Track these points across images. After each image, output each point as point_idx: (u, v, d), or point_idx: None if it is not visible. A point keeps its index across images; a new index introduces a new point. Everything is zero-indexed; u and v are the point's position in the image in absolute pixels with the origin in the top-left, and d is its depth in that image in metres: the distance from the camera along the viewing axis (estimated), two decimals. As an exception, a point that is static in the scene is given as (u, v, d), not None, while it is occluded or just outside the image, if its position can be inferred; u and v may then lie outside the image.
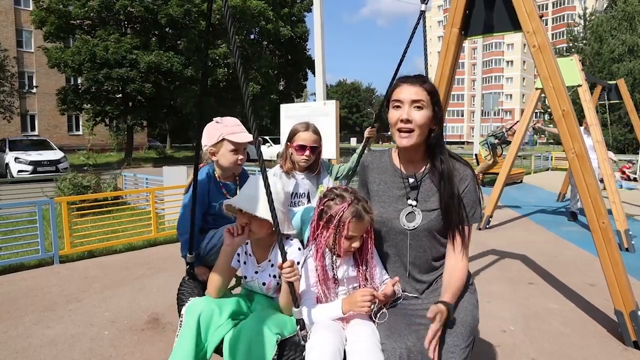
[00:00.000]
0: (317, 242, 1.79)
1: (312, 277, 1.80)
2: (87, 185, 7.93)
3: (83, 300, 4.11)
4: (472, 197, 1.85)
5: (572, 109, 3.14)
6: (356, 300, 1.71)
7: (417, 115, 1.75)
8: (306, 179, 2.68)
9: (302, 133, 2.61)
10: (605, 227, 3.14)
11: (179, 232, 2.28)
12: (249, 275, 1.97)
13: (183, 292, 2.09)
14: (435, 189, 1.84)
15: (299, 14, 32.72)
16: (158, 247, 6.16)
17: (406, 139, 1.77)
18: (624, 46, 28.91)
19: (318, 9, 10.68)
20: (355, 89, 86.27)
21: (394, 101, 1.80)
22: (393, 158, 1.98)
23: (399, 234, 1.88)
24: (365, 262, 1.83)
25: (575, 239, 6.51)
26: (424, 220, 1.84)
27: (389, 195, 1.92)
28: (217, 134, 2.25)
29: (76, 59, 21.73)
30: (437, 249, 1.89)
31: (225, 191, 2.34)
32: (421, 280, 1.91)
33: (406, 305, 1.86)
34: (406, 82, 1.79)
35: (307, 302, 1.77)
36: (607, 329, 3.53)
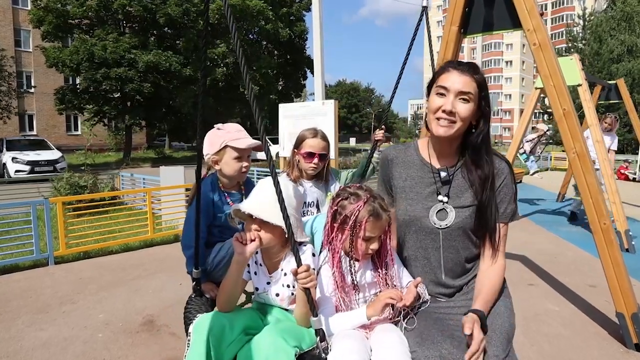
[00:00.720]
0: (333, 246, 1.65)
1: (329, 284, 1.66)
2: (84, 185, 7.87)
3: (77, 302, 4.06)
4: (509, 192, 1.71)
5: (573, 108, 3.10)
6: (380, 299, 1.59)
7: (462, 108, 1.61)
8: (314, 187, 2.57)
9: (310, 140, 2.50)
10: (606, 228, 3.10)
11: (184, 246, 2.15)
12: (260, 287, 1.82)
13: (190, 310, 1.93)
14: (468, 184, 1.70)
15: (298, 14, 32.65)
16: (154, 247, 6.11)
17: (444, 129, 1.62)
18: (623, 46, 28.84)
19: (317, 8, 10.64)
20: (355, 89, 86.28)
21: (438, 87, 1.64)
22: (420, 151, 1.82)
23: (429, 234, 1.73)
24: (385, 265, 1.69)
25: (575, 240, 6.46)
26: (457, 217, 1.69)
27: (417, 191, 1.76)
28: (218, 141, 2.12)
29: (74, 59, 21.68)
30: (470, 249, 1.74)
31: (231, 201, 2.20)
32: (452, 285, 1.75)
33: (435, 308, 1.70)
34: (456, 69, 1.63)
35: (325, 312, 1.62)
36: (608, 331, 3.48)
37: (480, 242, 1.73)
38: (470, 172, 1.70)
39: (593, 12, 32.58)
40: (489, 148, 1.71)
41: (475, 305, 1.58)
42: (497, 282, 1.67)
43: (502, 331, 1.55)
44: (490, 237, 1.69)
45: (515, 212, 1.73)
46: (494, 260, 1.69)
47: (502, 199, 1.70)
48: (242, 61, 1.45)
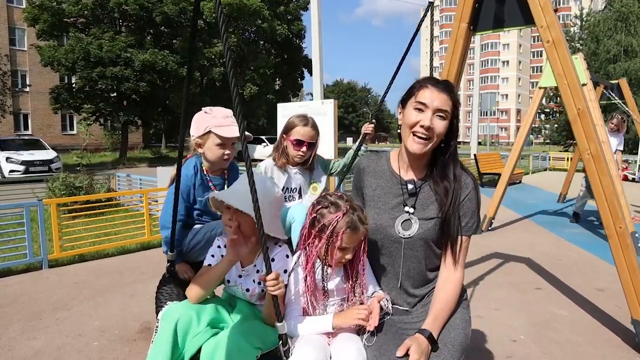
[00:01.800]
0: (308, 251, 1.68)
1: (300, 286, 1.69)
2: (79, 186, 7.73)
3: (72, 308, 3.92)
4: (472, 206, 1.75)
5: (588, 107, 2.99)
6: (351, 314, 1.64)
7: (438, 124, 1.66)
8: (299, 174, 2.59)
9: (301, 127, 2.49)
10: (622, 231, 2.99)
11: (161, 226, 2.14)
12: (231, 280, 1.84)
13: (162, 292, 1.98)
14: (434, 197, 1.75)
15: (295, 12, 32.49)
16: (152, 250, 5.96)
17: (420, 145, 1.67)
18: (619, 46, 28.87)
19: (315, 7, 10.53)
20: (352, 88, 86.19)
21: (417, 102, 1.67)
22: (391, 162, 1.88)
23: (393, 243, 1.78)
24: (356, 274, 1.72)
25: (579, 241, 6.37)
26: (420, 228, 1.74)
27: (385, 201, 1.81)
28: (204, 125, 2.10)
29: (70, 57, 21.47)
30: (432, 260, 1.79)
31: (213, 186, 2.19)
32: (413, 293, 1.80)
33: (396, 321, 1.76)
34: (435, 87, 1.67)
35: (292, 313, 1.68)
36: (621, 337, 3.38)
37: (442, 253, 1.77)
38: (436, 185, 1.75)
39: (590, 13, 32.61)
40: (457, 163, 1.76)
41: (426, 323, 1.63)
42: (451, 296, 1.70)
43: (455, 343, 1.60)
44: (451, 249, 1.73)
45: (477, 225, 1.77)
46: (451, 272, 1.73)
47: (465, 212, 1.74)
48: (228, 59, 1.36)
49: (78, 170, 8.39)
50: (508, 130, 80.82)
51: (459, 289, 1.73)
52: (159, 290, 2.00)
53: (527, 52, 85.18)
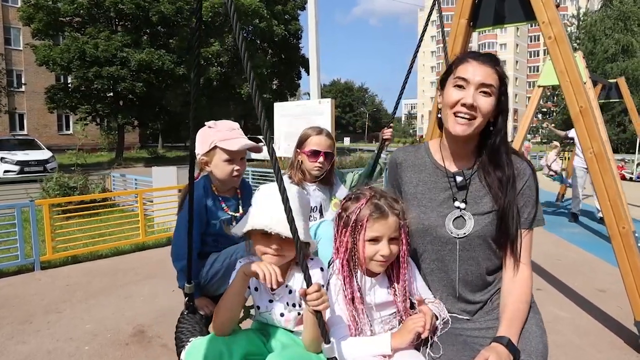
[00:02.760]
0: (338, 252, 1.48)
1: (339, 298, 1.46)
2: (73, 186, 7.63)
3: (64, 311, 3.83)
4: (532, 195, 1.55)
5: (591, 105, 2.92)
6: (407, 327, 1.41)
7: (483, 102, 1.45)
8: (318, 191, 2.40)
9: (315, 137, 2.33)
10: (626, 232, 2.93)
11: (174, 258, 1.92)
12: (262, 305, 1.59)
13: (182, 330, 1.71)
14: (487, 189, 1.54)
15: (293, 12, 32.45)
16: (146, 251, 5.88)
17: (464, 126, 1.47)
18: (617, 45, 28.93)
19: (312, 6, 10.46)
20: (349, 88, 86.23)
21: (457, 78, 1.48)
22: (432, 153, 1.66)
23: (445, 244, 1.56)
24: (400, 279, 1.50)
25: (578, 241, 6.32)
26: (476, 225, 1.52)
27: (431, 197, 1.60)
28: (208, 141, 1.91)
29: (65, 57, 21.33)
30: (492, 260, 1.57)
31: (226, 207, 1.98)
32: (473, 300, 1.58)
33: (459, 329, 1.53)
34: (477, 60, 1.48)
35: (338, 334, 1.42)
36: (624, 339, 3.32)
37: (502, 252, 1.55)
38: (488, 175, 1.54)
39: (587, 12, 32.65)
40: (509, 148, 1.56)
41: (500, 330, 1.42)
42: (522, 298, 1.50)
43: (537, 354, 1.40)
44: (512, 246, 1.52)
45: (539, 216, 1.56)
46: (517, 271, 1.52)
47: (525, 203, 1.54)
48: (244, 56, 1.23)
49: (73, 170, 8.30)
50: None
51: (530, 289, 1.54)
52: (178, 329, 1.74)
53: (524, 51, 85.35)
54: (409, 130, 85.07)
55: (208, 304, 1.88)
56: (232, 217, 1.98)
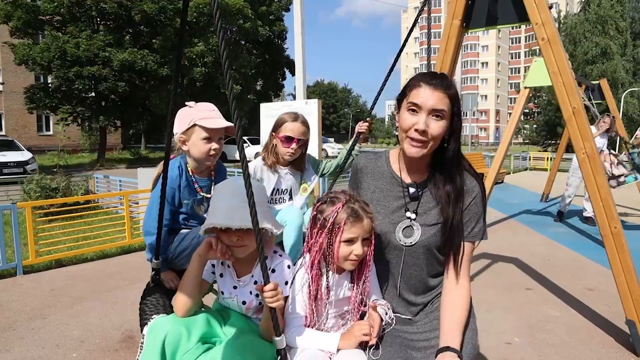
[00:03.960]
0: (312, 252, 1.56)
1: (304, 292, 1.57)
2: (55, 187, 7.45)
3: (48, 317, 3.72)
4: (478, 211, 1.64)
5: (583, 106, 2.95)
6: (354, 333, 1.54)
7: (435, 126, 1.52)
8: (289, 174, 2.48)
9: (290, 123, 2.39)
10: (617, 232, 2.95)
11: (145, 232, 1.99)
12: (226, 291, 1.68)
13: (147, 304, 1.81)
14: (436, 202, 1.63)
15: (277, 13, 32.32)
16: (132, 254, 5.77)
17: (417, 149, 1.55)
18: (597, 48, 29.55)
19: (298, 6, 10.43)
20: (332, 89, 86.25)
21: (410, 103, 1.54)
22: (391, 163, 1.74)
23: (393, 250, 1.67)
24: (362, 280, 1.61)
25: (565, 241, 6.40)
26: (422, 235, 1.62)
27: (385, 205, 1.68)
28: (187, 119, 1.94)
29: (45, 56, 20.82)
30: (434, 267, 1.67)
31: (199, 187, 2.04)
32: (415, 302, 1.69)
33: (400, 331, 1.63)
34: (428, 85, 1.52)
35: (294, 322, 1.56)
36: (615, 338, 3.35)
37: (445, 261, 1.66)
38: (438, 188, 1.63)
39: (568, 15, 33.27)
40: (461, 164, 1.64)
41: (447, 341, 1.50)
42: (465, 304, 1.60)
43: (466, 355, 1.51)
44: (454, 256, 1.62)
45: (483, 231, 1.66)
46: (458, 280, 1.62)
47: (470, 217, 1.63)
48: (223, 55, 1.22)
49: (55, 171, 8.10)
50: (487, 130, 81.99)
51: (469, 299, 1.62)
52: (143, 302, 1.83)
53: (505, 53, 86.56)
54: (392, 130, 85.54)
55: (173, 278, 1.99)
56: (204, 198, 2.06)
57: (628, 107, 28.97)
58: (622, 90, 28.36)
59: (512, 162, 18.93)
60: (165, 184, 1.72)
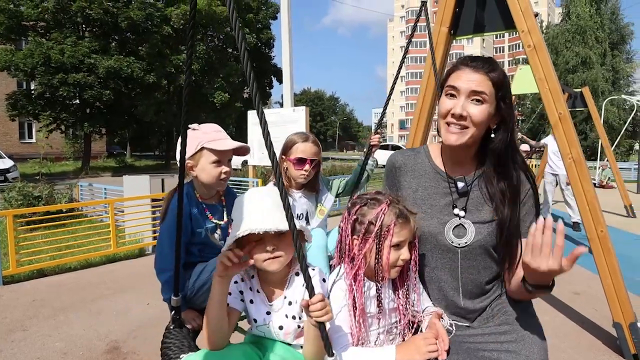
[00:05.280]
0: (355, 262, 1.39)
1: (343, 308, 1.39)
2: (38, 195, 7.31)
3: (30, 329, 3.62)
4: (533, 206, 1.53)
5: (569, 112, 2.99)
6: (418, 348, 1.33)
7: (474, 110, 1.41)
8: (304, 198, 2.34)
9: (301, 144, 2.26)
10: (604, 235, 2.98)
11: (159, 270, 1.83)
12: (259, 318, 1.49)
13: (169, 346, 1.60)
14: (488, 197, 1.50)
15: (265, 21, 32.38)
16: (117, 263, 5.66)
17: (456, 136, 1.43)
18: (577, 58, 30.21)
19: (286, 14, 10.46)
20: (319, 97, 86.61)
21: (448, 87, 1.46)
22: (433, 157, 1.62)
23: (445, 253, 1.52)
24: (407, 286, 1.46)
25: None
26: (477, 234, 1.49)
27: (431, 203, 1.55)
28: (194, 143, 1.81)
29: (28, 62, 20.53)
30: (491, 268, 1.53)
31: (210, 214, 1.89)
32: (472, 308, 1.54)
33: (461, 337, 1.48)
34: (468, 66, 1.44)
35: (339, 343, 1.36)
36: (603, 341, 3.38)
37: (501, 262, 1.52)
38: (490, 184, 1.50)
39: (549, 25, 33.98)
40: (516, 157, 1.51)
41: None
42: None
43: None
44: (512, 257, 1.48)
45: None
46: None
47: (526, 212, 1.51)
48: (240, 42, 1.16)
49: (37, 179, 7.96)
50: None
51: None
52: (165, 346, 1.65)
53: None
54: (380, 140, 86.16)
55: (195, 317, 1.79)
56: (217, 225, 1.91)
57: (608, 114, 29.56)
58: (602, 99, 28.98)
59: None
60: (181, 211, 1.53)
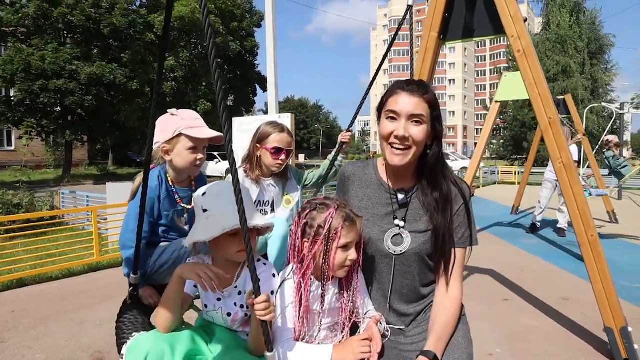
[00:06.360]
0: (305, 262, 1.48)
1: (292, 305, 1.48)
2: (18, 203, 7.13)
3: (8, 340, 3.48)
4: (466, 217, 1.63)
5: (559, 117, 3.00)
6: (353, 349, 1.45)
7: (415, 131, 1.51)
8: (272, 185, 2.43)
9: (277, 135, 2.37)
10: (594, 240, 3.00)
11: (122, 246, 1.88)
12: (209, 304, 1.59)
13: (124, 322, 1.68)
14: (425, 209, 1.61)
15: (249, 29, 32.38)
16: (100, 272, 5.52)
17: (400, 157, 1.53)
18: (558, 66, 30.81)
19: (270, 21, 10.48)
20: (303, 105, 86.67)
21: (388, 111, 1.54)
22: (379, 170, 1.73)
23: (383, 258, 1.62)
24: (351, 287, 1.56)
25: (537, 252, 6.51)
26: (413, 243, 1.59)
27: (374, 212, 1.65)
28: (172, 129, 1.85)
29: (8, 69, 20.10)
30: (426, 275, 1.64)
31: (179, 198, 1.95)
32: (406, 312, 1.64)
33: (394, 342, 1.60)
34: (405, 91, 1.53)
35: (282, 337, 1.46)
36: (593, 346, 3.39)
37: (436, 268, 1.63)
38: (426, 195, 1.62)
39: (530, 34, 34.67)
40: (445, 170, 1.63)
41: (428, 344, 1.49)
42: (452, 314, 1.57)
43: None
44: (445, 264, 1.59)
45: (472, 237, 1.63)
46: (449, 288, 1.60)
47: (459, 223, 1.62)
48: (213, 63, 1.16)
49: (17, 186, 7.76)
50: (455, 146, 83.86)
51: (459, 306, 1.59)
52: (120, 320, 1.71)
53: (471, 71, 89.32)
54: (362, 147, 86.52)
55: (153, 294, 1.88)
56: (184, 209, 1.97)
57: (588, 122, 30.14)
58: (582, 107, 29.60)
59: (481, 176, 19.35)
60: (145, 193, 1.61)
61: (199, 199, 1.56)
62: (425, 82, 1.62)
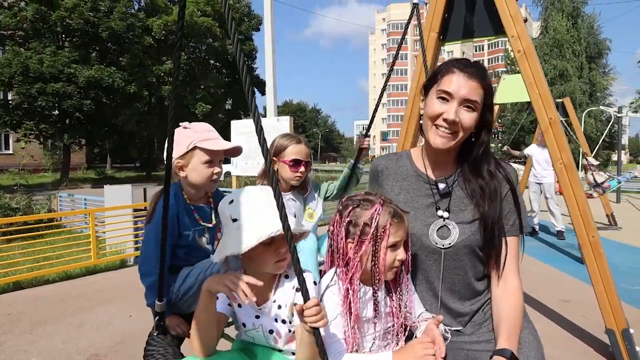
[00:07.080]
0: (351, 266, 1.34)
1: (336, 314, 1.34)
2: (16, 207, 7.10)
3: (5, 344, 3.44)
4: (515, 202, 1.51)
5: (559, 118, 2.99)
6: (415, 353, 1.30)
7: (466, 117, 1.40)
8: (293, 199, 2.32)
9: (295, 146, 2.25)
10: (595, 241, 2.98)
11: (143, 273, 1.76)
12: (248, 323, 1.44)
13: (152, 354, 1.54)
14: (470, 197, 1.50)
15: (247, 32, 32.45)
16: (98, 275, 5.49)
17: (444, 140, 1.43)
18: (555, 70, 30.96)
19: (269, 23, 10.48)
20: (301, 109, 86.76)
21: (441, 91, 1.42)
22: (414, 161, 1.62)
23: (430, 254, 1.50)
24: (400, 290, 1.43)
25: (536, 254, 6.49)
26: (462, 235, 1.47)
27: (414, 206, 1.54)
28: (186, 142, 1.74)
29: (6, 72, 20.11)
30: (479, 268, 1.51)
31: (198, 217, 1.82)
32: (462, 311, 1.51)
33: (459, 343, 1.48)
34: (463, 72, 1.41)
35: (334, 350, 1.30)
36: (595, 348, 3.36)
37: (488, 261, 1.50)
38: (469, 182, 1.51)
39: (528, 39, 34.84)
40: (491, 157, 1.52)
41: (500, 342, 1.36)
42: (516, 307, 1.44)
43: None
44: (498, 255, 1.47)
45: (522, 224, 1.52)
46: (506, 281, 1.47)
47: (509, 210, 1.50)
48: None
49: (15, 190, 7.72)
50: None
51: (521, 297, 1.47)
52: (148, 353, 1.59)
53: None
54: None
55: (180, 324, 1.73)
56: (205, 228, 1.85)
57: (586, 126, 30.29)
58: (580, 111, 29.73)
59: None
60: (166, 212, 1.47)
61: (226, 208, 1.40)
62: (483, 65, 1.48)
